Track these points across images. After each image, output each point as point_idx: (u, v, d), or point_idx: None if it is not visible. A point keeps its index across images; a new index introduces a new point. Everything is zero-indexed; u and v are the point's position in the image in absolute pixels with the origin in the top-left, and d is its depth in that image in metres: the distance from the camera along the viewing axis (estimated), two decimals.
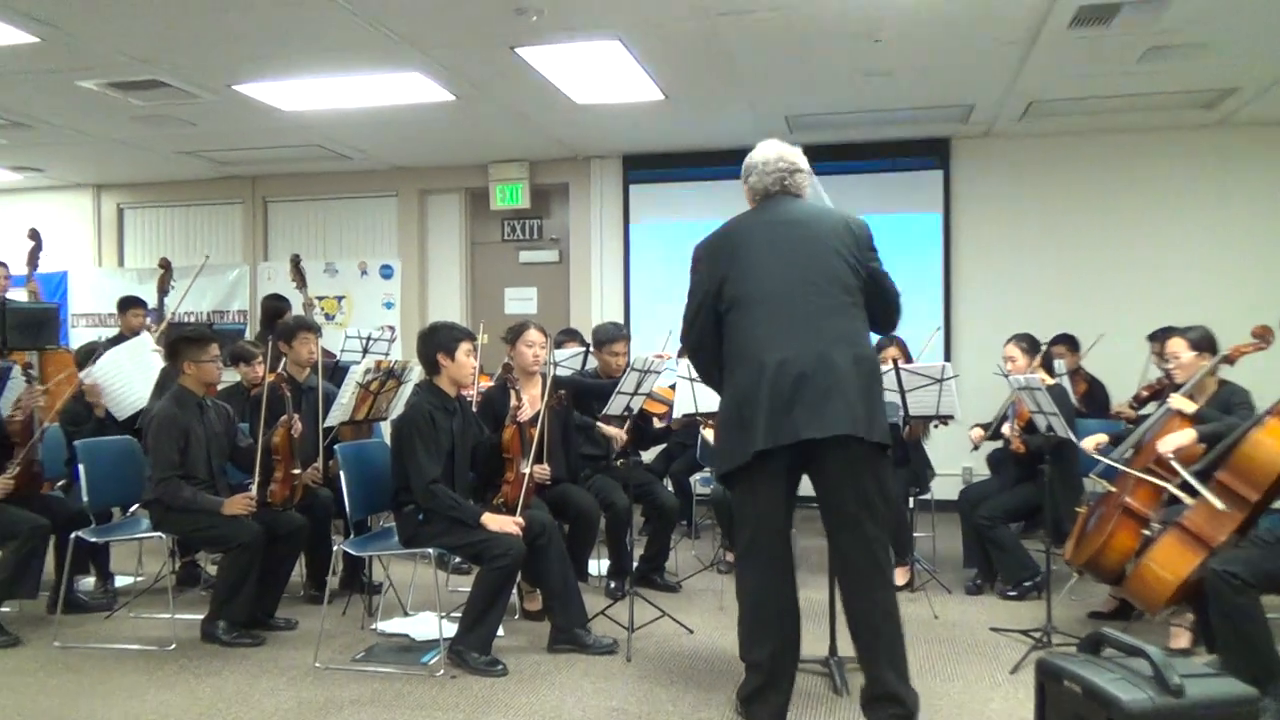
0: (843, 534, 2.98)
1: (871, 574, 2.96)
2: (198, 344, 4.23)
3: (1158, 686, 2.24)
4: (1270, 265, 6.63)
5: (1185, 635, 3.89)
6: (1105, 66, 5.49)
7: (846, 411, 2.85)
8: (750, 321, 2.98)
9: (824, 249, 3.00)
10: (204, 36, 4.91)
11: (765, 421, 2.86)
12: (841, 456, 2.90)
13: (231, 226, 8.69)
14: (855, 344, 2.97)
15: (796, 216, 3.08)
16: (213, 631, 4.05)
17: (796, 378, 2.86)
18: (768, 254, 3.00)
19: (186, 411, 4.14)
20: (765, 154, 3.16)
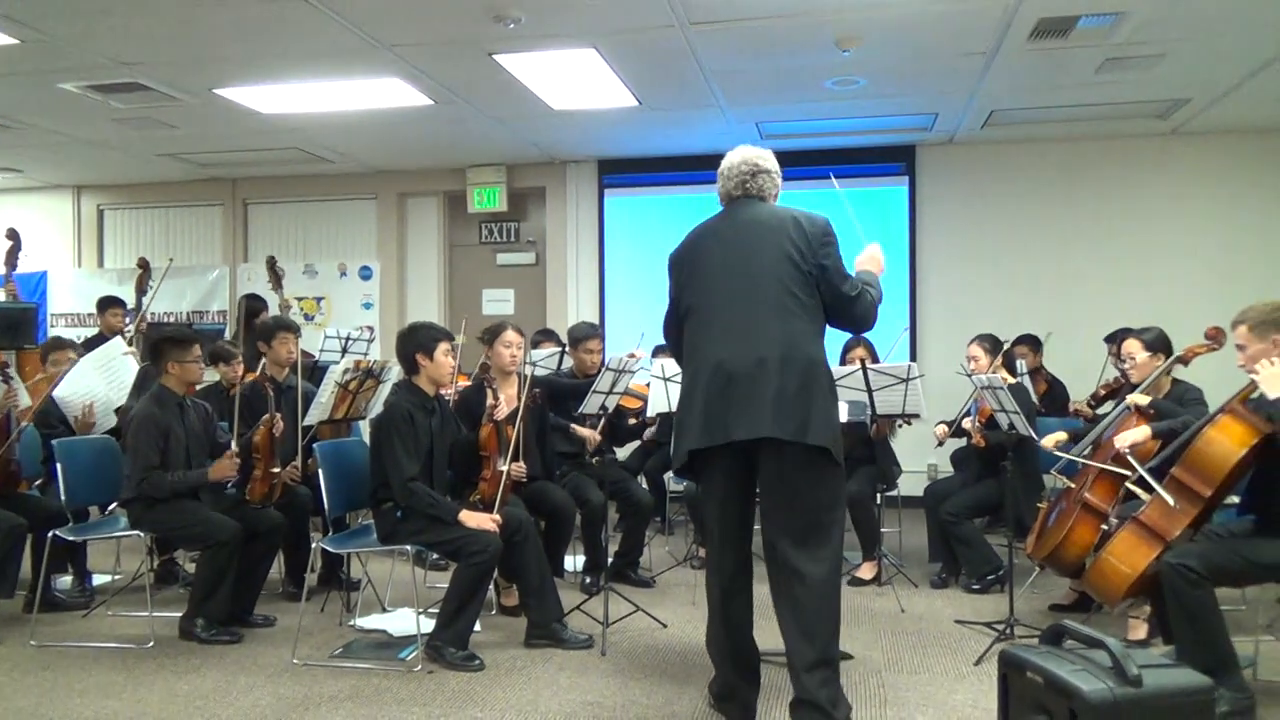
0: (775, 538, 2.92)
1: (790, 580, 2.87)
2: (181, 344, 4.25)
3: (1117, 677, 2.31)
4: (1222, 269, 6.82)
5: (1143, 627, 3.99)
6: (1063, 77, 5.65)
7: (773, 414, 2.81)
8: (696, 326, 3.06)
9: (770, 250, 2.97)
10: (185, 40, 4.95)
11: (699, 422, 2.92)
12: (774, 459, 2.88)
13: (211, 228, 8.70)
14: (791, 345, 2.89)
15: (750, 219, 3.07)
16: (191, 629, 4.07)
17: (728, 379, 2.89)
18: (718, 259, 3.05)
19: (166, 411, 4.16)
20: (730, 159, 3.19)
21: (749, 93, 6.00)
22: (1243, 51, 5.26)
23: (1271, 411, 3.20)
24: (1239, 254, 6.89)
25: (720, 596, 3.08)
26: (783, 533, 2.90)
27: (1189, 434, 3.48)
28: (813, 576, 2.86)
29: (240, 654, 3.95)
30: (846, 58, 5.25)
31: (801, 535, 2.88)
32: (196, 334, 4.50)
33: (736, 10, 4.60)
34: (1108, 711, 2.26)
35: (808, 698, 2.82)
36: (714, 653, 3.15)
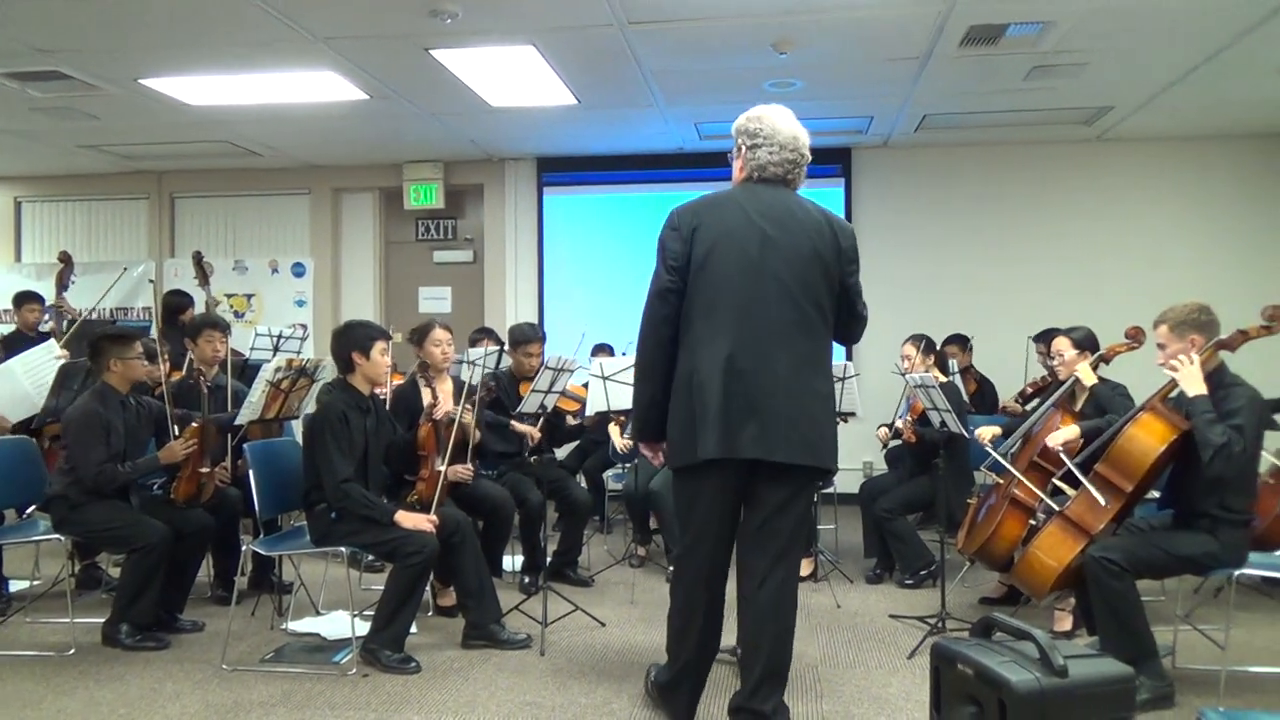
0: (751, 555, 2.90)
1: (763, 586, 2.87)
2: (122, 342, 4.15)
3: (1043, 667, 2.37)
4: (1142, 271, 7.06)
5: (1069, 619, 4.10)
6: (993, 83, 5.78)
7: (800, 436, 2.78)
8: (715, 318, 2.82)
9: (808, 257, 2.85)
10: (108, 28, 4.79)
11: (715, 431, 2.76)
12: (780, 476, 2.83)
13: (137, 222, 8.45)
14: (815, 364, 2.87)
15: (790, 216, 2.88)
16: (115, 635, 3.95)
17: (750, 391, 2.76)
18: (752, 252, 2.82)
19: (110, 409, 4.06)
20: (782, 127, 2.92)
21: (688, 93, 6.03)
22: (1163, 62, 5.45)
23: (1189, 409, 3.32)
24: (1160, 256, 7.13)
25: (707, 592, 2.95)
26: (769, 543, 2.88)
27: (1111, 431, 3.59)
28: (786, 584, 2.90)
29: (167, 660, 3.84)
30: (784, 60, 5.30)
31: (785, 547, 2.89)
32: (137, 331, 4.38)
33: (675, 11, 4.62)
34: (1035, 701, 2.32)
35: (756, 707, 2.84)
36: (682, 647, 3.03)
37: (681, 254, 2.87)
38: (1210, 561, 3.38)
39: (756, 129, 2.93)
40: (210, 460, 4.26)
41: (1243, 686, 3.52)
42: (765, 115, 2.96)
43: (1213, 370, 3.41)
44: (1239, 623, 4.11)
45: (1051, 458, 3.94)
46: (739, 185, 3.00)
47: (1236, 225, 7.14)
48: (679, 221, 2.91)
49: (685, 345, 2.88)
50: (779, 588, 2.87)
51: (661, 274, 2.90)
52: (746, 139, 2.96)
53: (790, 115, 2.98)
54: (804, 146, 2.97)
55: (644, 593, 4.86)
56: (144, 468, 4.09)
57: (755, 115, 2.97)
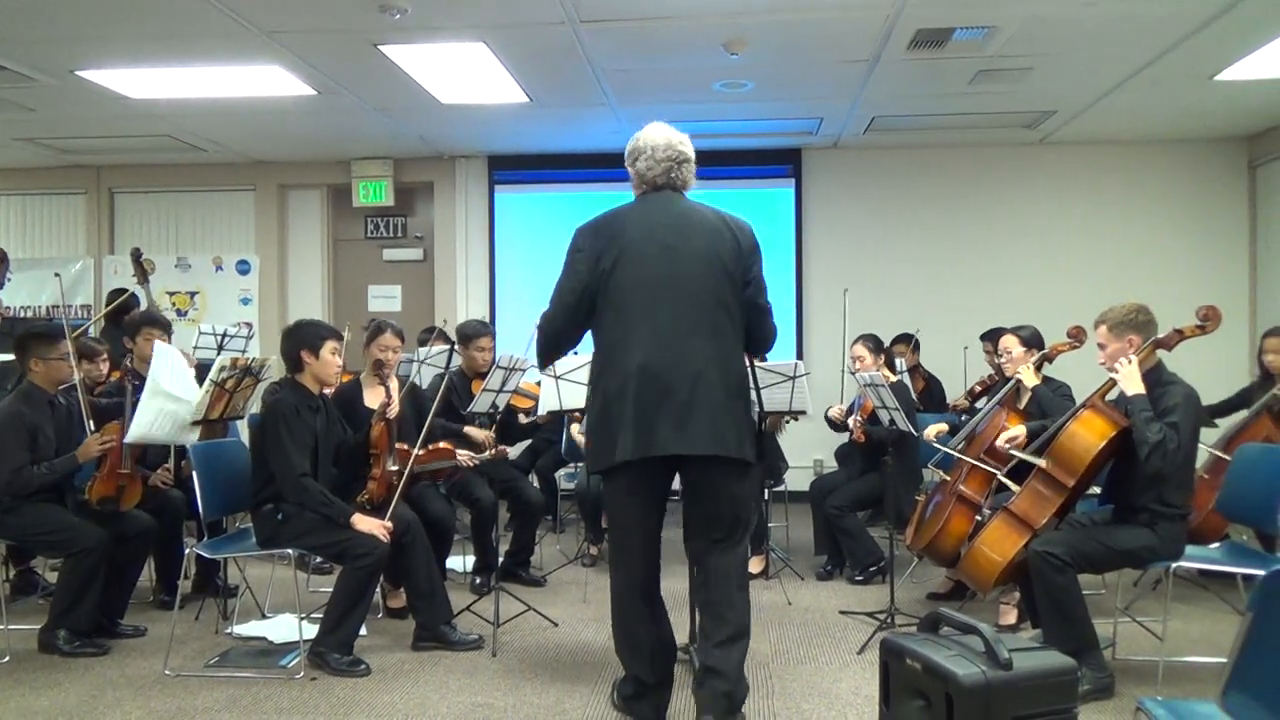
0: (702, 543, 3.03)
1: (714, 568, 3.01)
2: (47, 340, 4.02)
3: (989, 660, 2.41)
4: (1084, 271, 7.23)
5: (1013, 612, 4.19)
6: (940, 87, 5.88)
7: (711, 429, 2.87)
8: (624, 328, 2.92)
9: (705, 255, 2.95)
10: (43, 17, 4.65)
11: (631, 432, 2.85)
12: (706, 473, 2.93)
13: (75, 218, 8.21)
14: (724, 358, 2.95)
15: (686, 222, 2.99)
16: (52, 641, 3.85)
17: (663, 391, 2.85)
18: (651, 258, 2.93)
19: (36, 410, 3.94)
20: (654, 138, 3.05)
21: (639, 92, 6.03)
22: (1102, 69, 5.59)
23: (1128, 407, 3.41)
24: (1101, 258, 7.31)
25: (643, 596, 3.05)
26: (710, 530, 3.01)
27: (1054, 428, 3.66)
28: (733, 563, 3.04)
29: (107, 666, 3.75)
30: (735, 61, 5.33)
31: (727, 530, 3.01)
32: (64, 330, 4.25)
33: (626, 10, 4.62)
34: (980, 693, 2.37)
35: (717, 665, 2.92)
36: (631, 653, 3.10)
37: (585, 273, 2.99)
38: (1149, 555, 3.46)
39: (634, 147, 3.09)
40: (150, 464, 4.12)
41: (1180, 676, 3.62)
42: (640, 133, 3.10)
43: (1150, 369, 3.50)
44: (1176, 614, 4.23)
45: (998, 455, 4.01)
46: (636, 201, 3.12)
47: (1173, 227, 7.35)
48: (582, 243, 3.03)
49: (598, 355, 3.02)
50: (736, 563, 3.04)
51: (565, 292, 3.02)
52: (629, 158, 3.11)
53: (664, 126, 3.10)
54: (679, 145, 3.06)
55: (597, 592, 4.86)
56: (61, 467, 3.92)
57: (634, 137, 3.11)
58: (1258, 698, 1.92)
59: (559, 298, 3.04)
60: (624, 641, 3.12)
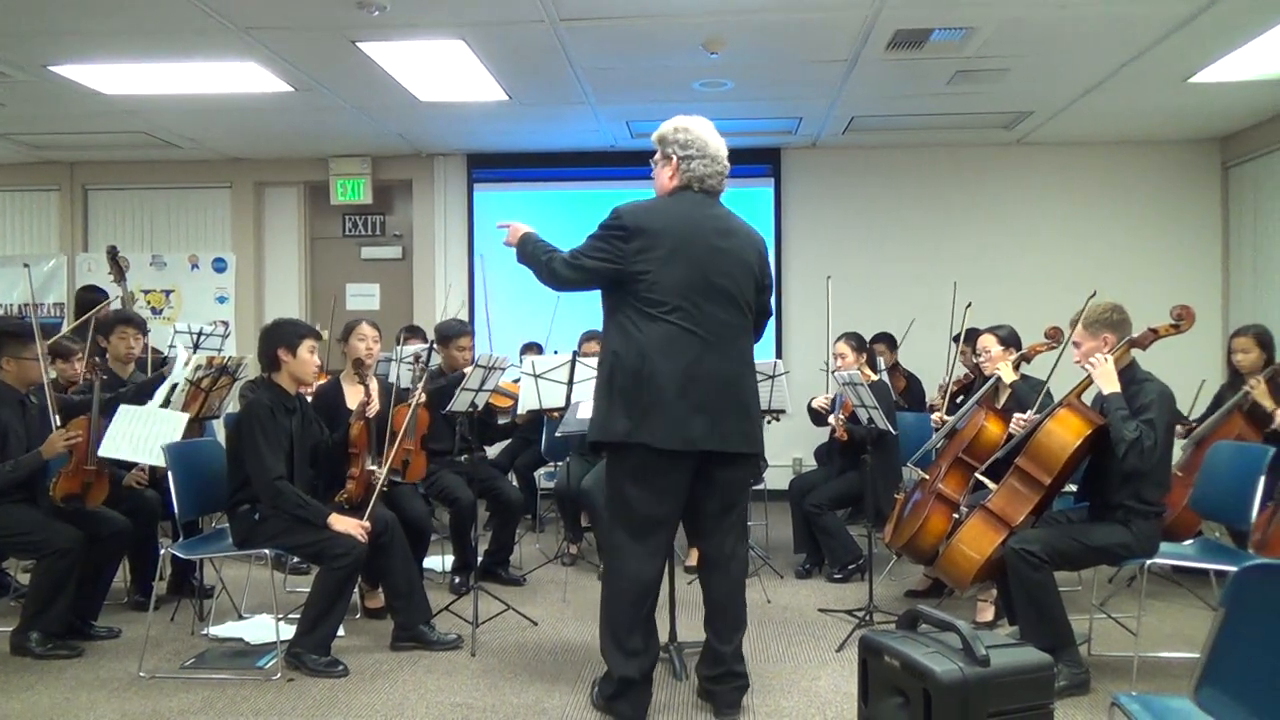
0: (718, 536, 3.18)
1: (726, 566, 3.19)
2: (19, 339, 3.97)
3: (967, 657, 2.43)
4: (1061, 271, 7.27)
5: (990, 609, 4.21)
6: (918, 87, 5.91)
7: (744, 427, 3.07)
8: (672, 323, 2.98)
9: (745, 267, 3.11)
10: (14, 11, 4.58)
11: (673, 421, 2.95)
12: (733, 470, 3.13)
13: (47, 215, 8.10)
14: (748, 362, 3.15)
15: (728, 226, 3.12)
16: (24, 644, 3.80)
17: (709, 391, 2.98)
18: (701, 260, 3.01)
19: (6, 408, 3.89)
20: (712, 141, 3.11)
21: (619, 91, 6.03)
22: (1078, 71, 5.64)
23: (1104, 405, 3.44)
24: (1076, 257, 7.37)
25: (644, 593, 3.10)
26: (727, 528, 3.18)
27: (1031, 426, 3.69)
28: (739, 560, 3.24)
29: (81, 669, 3.71)
30: (714, 60, 5.34)
31: (738, 527, 3.25)
32: (29, 329, 4.18)
33: (606, 8, 4.61)
34: (958, 690, 2.38)
35: (734, 667, 3.18)
36: (622, 656, 3.10)
37: (617, 258, 3.02)
38: (1124, 552, 3.50)
39: (689, 140, 3.09)
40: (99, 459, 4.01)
41: (1154, 671, 3.66)
42: (692, 127, 3.11)
43: (1125, 367, 3.53)
44: (1150, 610, 4.28)
45: (975, 454, 4.03)
46: (679, 194, 3.13)
47: (1148, 227, 7.42)
48: (628, 227, 3.03)
49: (635, 341, 3.00)
50: (742, 559, 3.26)
51: (588, 264, 3.04)
52: (678, 149, 3.10)
53: (713, 127, 3.15)
54: (726, 157, 3.16)
55: (576, 591, 4.85)
56: (26, 464, 3.84)
57: (682, 126, 3.12)
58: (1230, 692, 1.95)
59: (579, 266, 3.06)
60: (615, 644, 3.12)
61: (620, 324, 3.05)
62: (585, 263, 3.05)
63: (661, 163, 3.16)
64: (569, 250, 3.10)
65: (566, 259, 3.08)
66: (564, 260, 3.08)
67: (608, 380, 3.05)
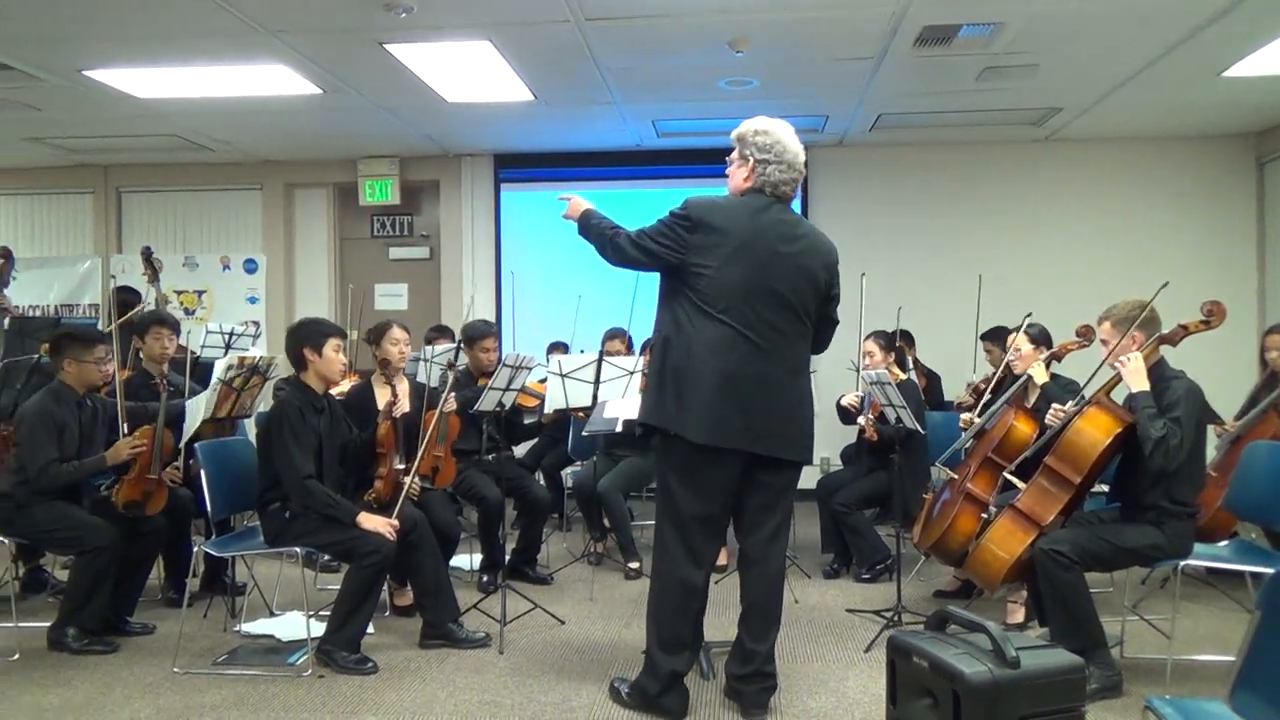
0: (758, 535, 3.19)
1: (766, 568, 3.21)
2: (84, 344, 4.05)
3: (996, 659, 2.41)
4: (1090, 269, 7.20)
5: (1020, 611, 4.17)
6: (946, 84, 5.86)
7: (796, 434, 3.12)
8: (726, 323, 3.00)
9: (808, 274, 3.11)
10: (49, 17, 4.66)
11: (706, 419, 2.98)
12: (780, 475, 3.16)
13: (82, 217, 8.24)
14: (805, 373, 3.20)
15: (795, 232, 3.12)
16: (61, 639, 3.87)
17: (764, 395, 3.02)
18: (763, 264, 3.02)
19: (64, 408, 3.98)
20: (794, 146, 3.12)
21: (645, 90, 6.03)
22: (1107, 66, 5.57)
23: (1131, 404, 3.40)
24: (1107, 255, 7.28)
25: (689, 595, 3.14)
26: (771, 531, 3.19)
27: (1061, 424, 3.65)
28: (778, 564, 3.25)
29: (116, 664, 3.77)
30: (740, 59, 5.32)
31: (783, 531, 3.25)
32: (102, 335, 4.27)
33: (631, 8, 4.61)
34: (988, 692, 2.36)
35: (764, 667, 3.19)
36: (670, 651, 3.14)
37: (680, 250, 3.05)
38: (1156, 553, 3.46)
39: (768, 144, 3.09)
40: (161, 466, 4.10)
41: (1188, 675, 3.61)
42: (774, 130, 3.11)
43: (1154, 365, 3.49)
44: (1184, 613, 4.23)
45: (1004, 453, 4.00)
46: (750, 195, 3.13)
47: (1180, 224, 7.32)
48: (696, 222, 3.04)
49: (686, 334, 3.04)
50: (781, 560, 3.28)
51: (650, 248, 3.07)
52: (756, 151, 3.10)
53: (793, 132, 3.14)
54: (803, 163, 3.16)
55: (603, 590, 4.86)
56: (89, 467, 3.97)
57: (763, 129, 3.11)
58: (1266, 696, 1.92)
59: (642, 246, 3.09)
60: (660, 642, 3.15)
61: (675, 313, 3.09)
62: (648, 244, 3.08)
63: (738, 163, 3.16)
64: (635, 229, 3.14)
65: (632, 237, 3.12)
66: (629, 238, 3.12)
67: (659, 366, 3.10)
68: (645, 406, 3.16)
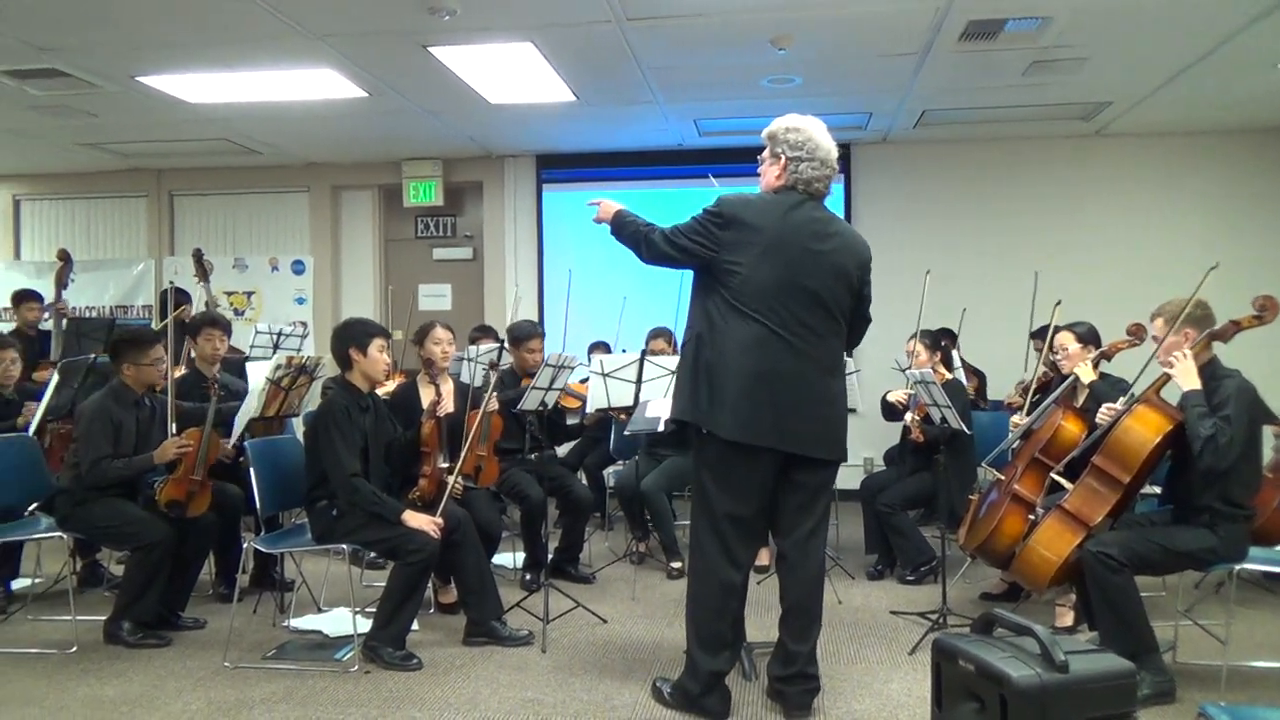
0: (796, 535, 3.18)
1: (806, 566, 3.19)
2: (139, 346, 4.15)
3: (1044, 663, 2.37)
4: (1141, 266, 7.05)
5: (1070, 614, 4.10)
6: (992, 79, 5.78)
7: (831, 437, 3.12)
8: (758, 322, 3.00)
9: (841, 273, 3.11)
10: (104, 25, 4.78)
11: (737, 417, 2.98)
12: (816, 474, 3.16)
13: (136, 220, 8.45)
14: (840, 373, 3.19)
15: (827, 230, 3.11)
16: (117, 632, 3.96)
17: (798, 395, 3.01)
18: (794, 262, 3.02)
19: (122, 406, 4.08)
20: (825, 143, 3.10)
21: (686, 90, 6.03)
22: (1159, 59, 5.46)
23: (1182, 402, 3.33)
24: (1157, 251, 7.13)
25: (726, 595, 3.14)
26: (808, 530, 3.18)
27: (1109, 423, 3.59)
28: (817, 564, 3.23)
29: (169, 657, 3.85)
30: (782, 56, 5.30)
31: (820, 531, 3.24)
32: (158, 336, 4.36)
33: (672, 7, 4.61)
34: (1036, 697, 2.33)
35: (806, 669, 3.18)
36: (711, 651, 3.14)
37: (712, 247, 3.05)
38: (1209, 557, 3.38)
39: (800, 141, 3.08)
40: (206, 469, 4.14)
41: (1244, 682, 3.53)
42: (805, 127, 3.10)
43: (1206, 363, 3.41)
44: (1240, 618, 4.12)
45: (1052, 453, 3.94)
46: (782, 193, 3.12)
47: (1233, 219, 7.15)
48: (728, 218, 3.04)
49: (719, 331, 3.04)
50: (821, 559, 3.25)
51: (682, 245, 3.08)
52: (788, 149, 3.10)
53: (825, 129, 3.13)
54: (835, 160, 3.16)
55: (645, 589, 4.87)
56: (138, 465, 4.05)
57: (794, 126, 3.11)
58: None
59: (675, 243, 3.09)
60: (700, 642, 3.16)
61: (707, 310, 3.08)
62: (681, 241, 3.08)
63: (769, 160, 3.15)
64: (669, 226, 3.14)
65: (666, 234, 3.12)
66: (663, 235, 3.12)
67: (692, 363, 3.09)
68: (678, 403, 3.16)
